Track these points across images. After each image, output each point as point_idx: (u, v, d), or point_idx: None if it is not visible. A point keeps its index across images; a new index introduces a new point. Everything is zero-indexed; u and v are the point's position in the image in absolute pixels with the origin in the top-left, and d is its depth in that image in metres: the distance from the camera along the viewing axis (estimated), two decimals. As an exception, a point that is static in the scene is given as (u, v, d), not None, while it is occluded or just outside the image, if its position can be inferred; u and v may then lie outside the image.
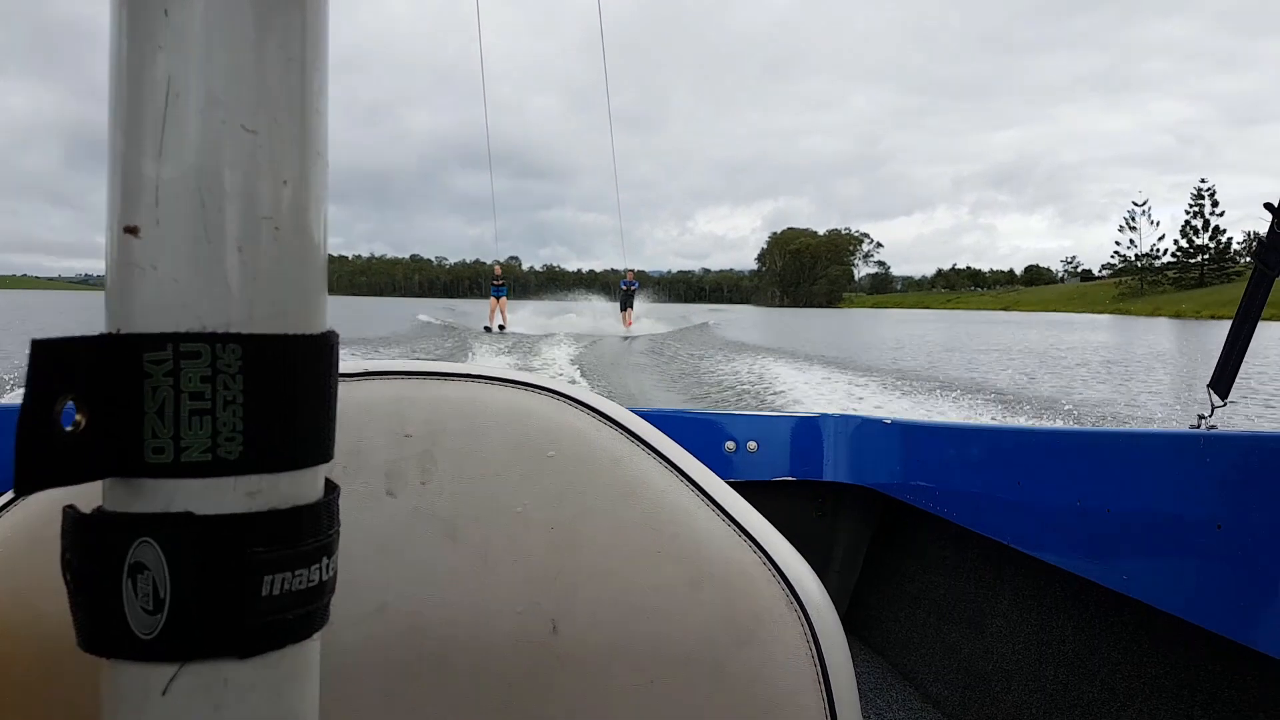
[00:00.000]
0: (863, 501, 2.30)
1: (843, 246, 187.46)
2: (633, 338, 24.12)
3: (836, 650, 0.53)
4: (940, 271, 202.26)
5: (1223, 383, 1.66)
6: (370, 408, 0.53)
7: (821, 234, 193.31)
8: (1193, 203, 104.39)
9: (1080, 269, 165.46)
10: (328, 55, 0.29)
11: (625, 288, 30.45)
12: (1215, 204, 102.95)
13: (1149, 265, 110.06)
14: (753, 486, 2.14)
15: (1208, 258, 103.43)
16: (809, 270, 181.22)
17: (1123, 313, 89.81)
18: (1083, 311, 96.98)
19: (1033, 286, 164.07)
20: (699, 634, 0.51)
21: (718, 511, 0.54)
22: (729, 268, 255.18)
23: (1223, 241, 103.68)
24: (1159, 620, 1.32)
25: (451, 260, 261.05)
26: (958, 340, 30.62)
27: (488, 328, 24.94)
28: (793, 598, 0.52)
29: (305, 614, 0.28)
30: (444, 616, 0.49)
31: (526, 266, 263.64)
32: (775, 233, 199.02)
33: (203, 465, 0.26)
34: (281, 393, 0.27)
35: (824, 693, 0.51)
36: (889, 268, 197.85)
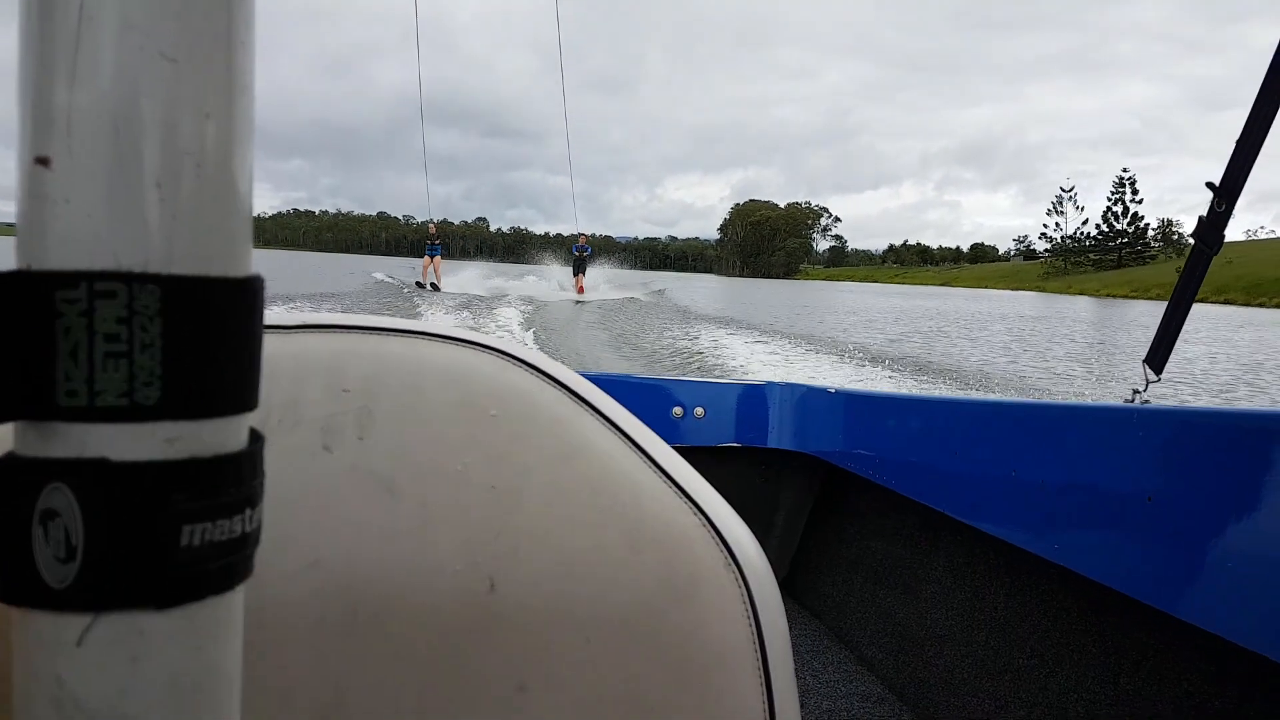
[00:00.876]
0: (805, 468, 2.35)
1: (801, 220, 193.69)
2: (584, 303, 24.13)
3: (772, 611, 0.53)
4: (892, 247, 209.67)
5: (1158, 358, 1.67)
6: (307, 361, 0.52)
7: (782, 207, 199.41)
8: (1114, 190, 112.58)
9: (1030, 247, 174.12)
10: None
11: (577, 253, 29.83)
12: (1135, 192, 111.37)
13: (1071, 247, 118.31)
14: (699, 452, 2.15)
15: (1125, 242, 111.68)
16: (768, 242, 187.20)
17: (1041, 290, 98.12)
18: (1012, 288, 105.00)
19: (977, 264, 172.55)
20: (637, 594, 0.51)
21: (660, 474, 0.54)
22: (695, 236, 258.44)
23: (1140, 227, 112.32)
24: (1088, 589, 1.34)
25: (419, 219, 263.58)
26: (870, 308, 35.16)
27: (419, 284, 24.52)
28: (731, 560, 0.53)
29: (226, 565, 0.27)
30: (379, 574, 0.49)
31: (494, 228, 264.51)
32: (738, 204, 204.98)
33: (118, 410, 0.25)
34: (202, 337, 0.26)
35: (759, 652, 0.52)
36: (846, 242, 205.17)
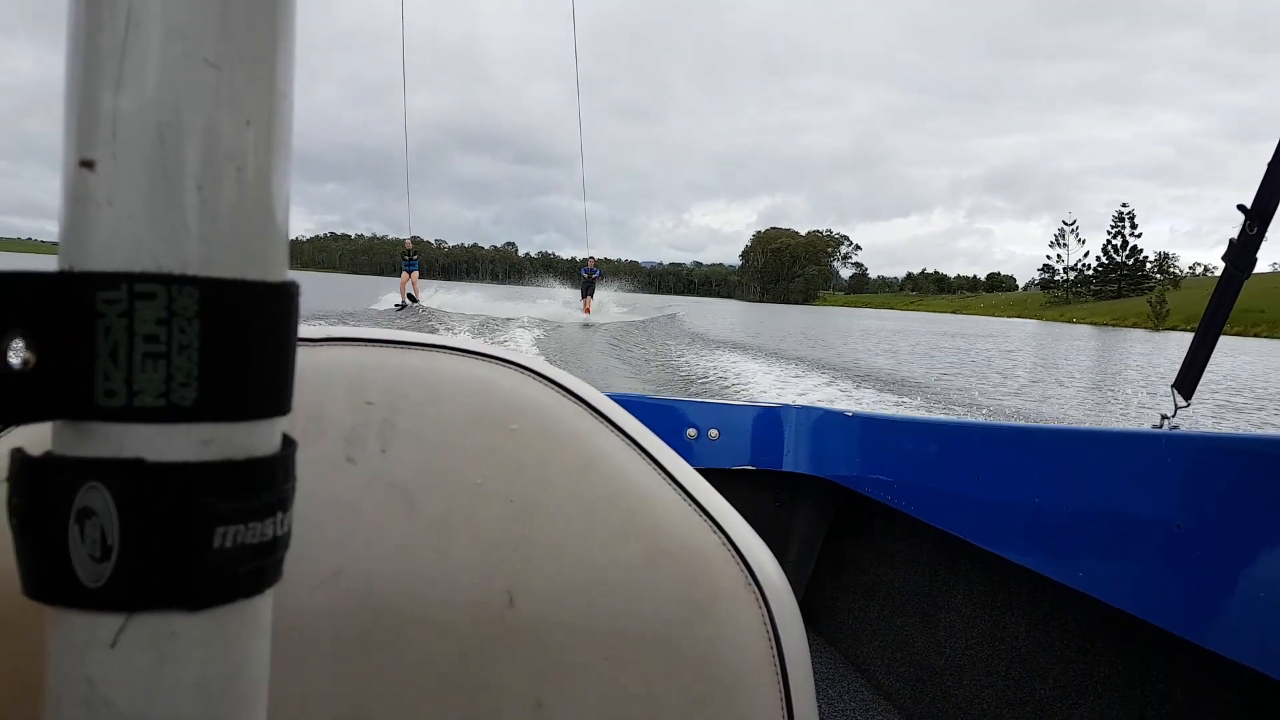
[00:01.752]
0: (821, 493, 2.31)
1: (820, 248, 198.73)
2: (591, 325, 24.24)
3: (793, 633, 0.53)
4: (910, 275, 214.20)
5: (1187, 383, 1.63)
6: (332, 373, 0.53)
7: (803, 234, 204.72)
8: (1114, 224, 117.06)
9: (1054, 277, 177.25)
10: None
11: (586, 275, 30.07)
12: (1134, 226, 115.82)
13: (1070, 279, 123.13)
14: (713, 474, 1.95)
15: (1125, 273, 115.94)
16: (788, 269, 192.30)
17: (1039, 319, 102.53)
18: (1017, 317, 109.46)
19: (993, 293, 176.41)
20: (656, 611, 0.51)
21: (679, 491, 0.54)
22: (719, 262, 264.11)
23: (1139, 260, 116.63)
24: (1114, 619, 1.30)
25: (450, 243, 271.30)
26: (870, 333, 37.18)
27: (399, 305, 23.76)
28: (751, 579, 0.52)
29: (257, 569, 0.27)
30: (400, 585, 0.49)
31: (523, 253, 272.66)
32: (759, 231, 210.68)
33: (156, 410, 0.25)
34: (238, 340, 0.26)
35: (779, 674, 0.51)
36: (866, 269, 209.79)
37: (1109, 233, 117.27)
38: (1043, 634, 1.50)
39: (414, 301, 24.26)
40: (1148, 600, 1.13)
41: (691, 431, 2.16)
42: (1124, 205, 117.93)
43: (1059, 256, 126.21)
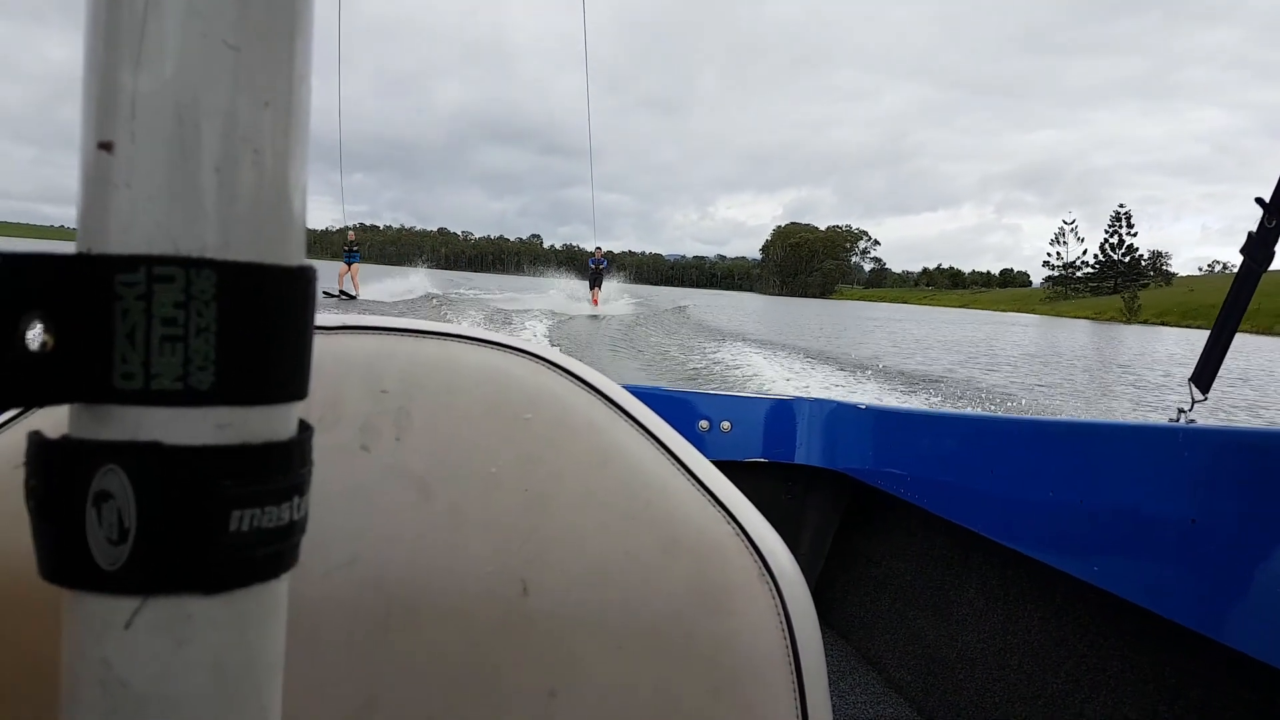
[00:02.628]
0: (833, 485, 2.31)
1: (839, 243, 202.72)
2: (598, 317, 24.19)
3: (807, 624, 0.53)
4: (926, 270, 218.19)
5: (1204, 377, 1.61)
6: (347, 361, 0.53)
7: (822, 230, 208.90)
8: (1111, 223, 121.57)
9: (1065, 273, 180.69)
10: None
11: (594, 266, 29.59)
12: (1130, 225, 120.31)
13: (1069, 276, 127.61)
14: (725, 466, 2.02)
15: (1121, 271, 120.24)
16: (806, 263, 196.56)
17: (1035, 313, 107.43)
18: (1017, 311, 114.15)
19: (1006, 288, 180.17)
20: (669, 602, 0.51)
21: (693, 481, 0.54)
22: (742, 255, 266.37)
23: (1134, 257, 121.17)
24: (1127, 613, 1.31)
25: (476, 235, 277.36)
26: (872, 324, 38.39)
27: (328, 293, 22.56)
28: (765, 570, 0.52)
29: (274, 553, 0.27)
30: (414, 574, 0.49)
31: (548, 245, 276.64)
32: (779, 226, 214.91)
33: (173, 394, 0.25)
34: (256, 324, 0.26)
35: (793, 665, 0.51)
36: (885, 264, 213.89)
37: (1106, 231, 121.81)
38: (1055, 628, 1.50)
39: (351, 298, 23.15)
40: (1162, 594, 1.12)
41: (704, 423, 2.18)
42: (1120, 205, 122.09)
43: (1058, 254, 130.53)
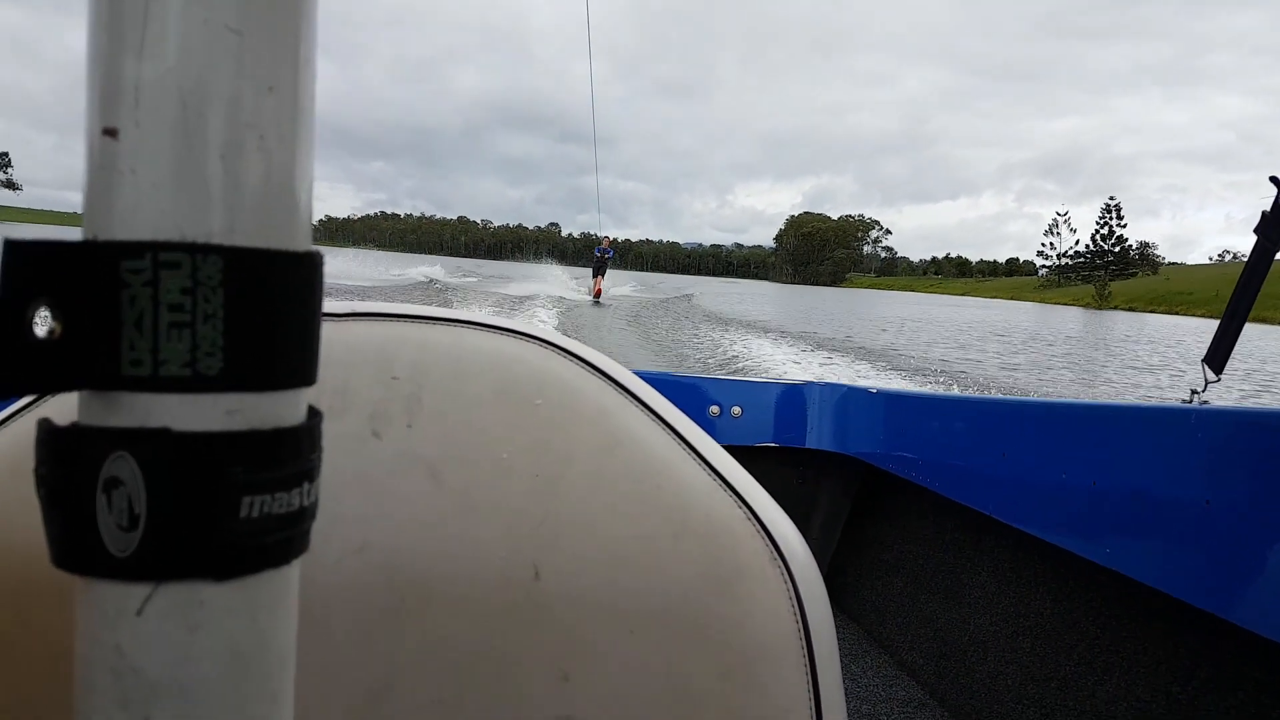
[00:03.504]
0: (844, 469, 2.31)
1: (851, 232, 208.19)
2: (602, 305, 24.50)
3: (818, 606, 0.53)
4: (934, 259, 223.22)
5: (1217, 358, 1.61)
6: (357, 348, 0.53)
7: (834, 219, 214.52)
8: (1102, 215, 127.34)
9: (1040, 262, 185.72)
10: None
11: (599, 255, 29.35)
12: (1120, 217, 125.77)
13: (1063, 265, 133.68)
14: (736, 451, 2.00)
15: (1111, 260, 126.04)
16: (818, 252, 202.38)
17: (1024, 300, 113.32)
18: (1012, 299, 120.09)
19: (1012, 277, 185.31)
20: (681, 585, 0.51)
21: (704, 466, 0.54)
22: (759, 244, 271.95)
23: (1124, 248, 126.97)
24: (1140, 594, 1.31)
25: (495, 223, 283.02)
26: (864, 307, 41.76)
27: None
28: (776, 553, 0.52)
29: (284, 539, 0.27)
30: (425, 560, 0.50)
31: (565, 233, 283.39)
32: (792, 215, 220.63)
33: (181, 380, 0.25)
34: (263, 310, 0.26)
35: (805, 648, 0.52)
36: (896, 252, 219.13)
37: (1098, 223, 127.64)
38: (1067, 610, 1.50)
39: None
40: (1175, 576, 1.12)
41: (714, 409, 2.18)
42: (1111, 199, 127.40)
43: (1051, 244, 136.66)
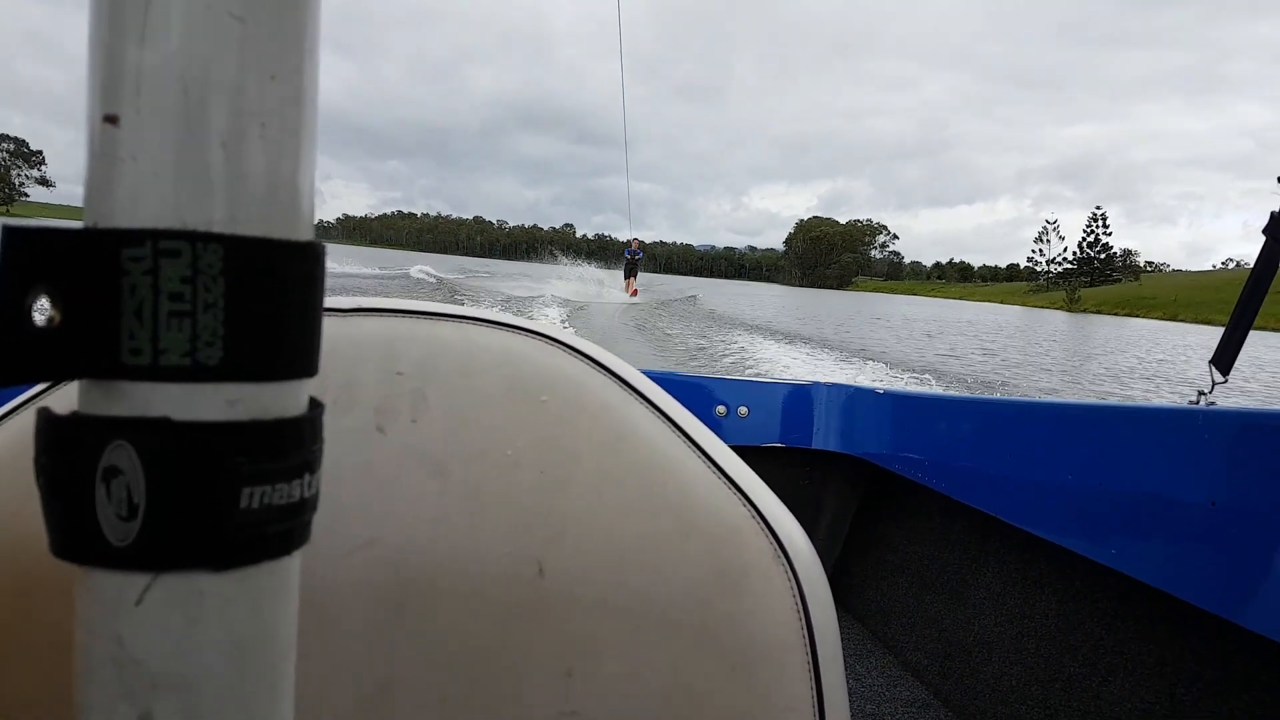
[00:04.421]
0: (851, 470, 2.31)
1: (858, 237, 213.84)
2: (637, 304, 24.73)
3: (822, 606, 0.53)
4: (938, 264, 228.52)
5: (1224, 359, 1.59)
6: (362, 343, 0.53)
7: (842, 224, 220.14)
8: (1089, 224, 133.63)
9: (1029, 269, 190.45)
10: None
11: (629, 256, 29.79)
12: (1105, 226, 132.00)
13: (1050, 271, 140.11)
14: (742, 451, 2.09)
15: (1097, 266, 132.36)
16: (825, 256, 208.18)
17: (1010, 303, 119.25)
18: (1001, 303, 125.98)
19: (1012, 281, 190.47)
20: (685, 584, 0.51)
21: (709, 464, 0.54)
22: (772, 247, 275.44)
23: (1109, 255, 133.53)
24: (1145, 596, 1.32)
25: (511, 223, 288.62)
26: (855, 309, 43.98)
27: None
28: (781, 553, 0.52)
29: (285, 530, 0.27)
30: (430, 555, 0.50)
31: (580, 234, 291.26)
32: (801, 220, 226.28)
33: (181, 369, 0.25)
34: (264, 300, 0.26)
35: (808, 648, 0.51)
36: (902, 257, 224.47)
37: (1085, 231, 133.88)
38: (1073, 611, 1.51)
39: None
40: (1181, 577, 1.12)
41: (721, 409, 2.18)
42: (1097, 208, 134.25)
43: (1040, 251, 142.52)
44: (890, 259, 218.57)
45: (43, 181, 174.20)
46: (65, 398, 0.46)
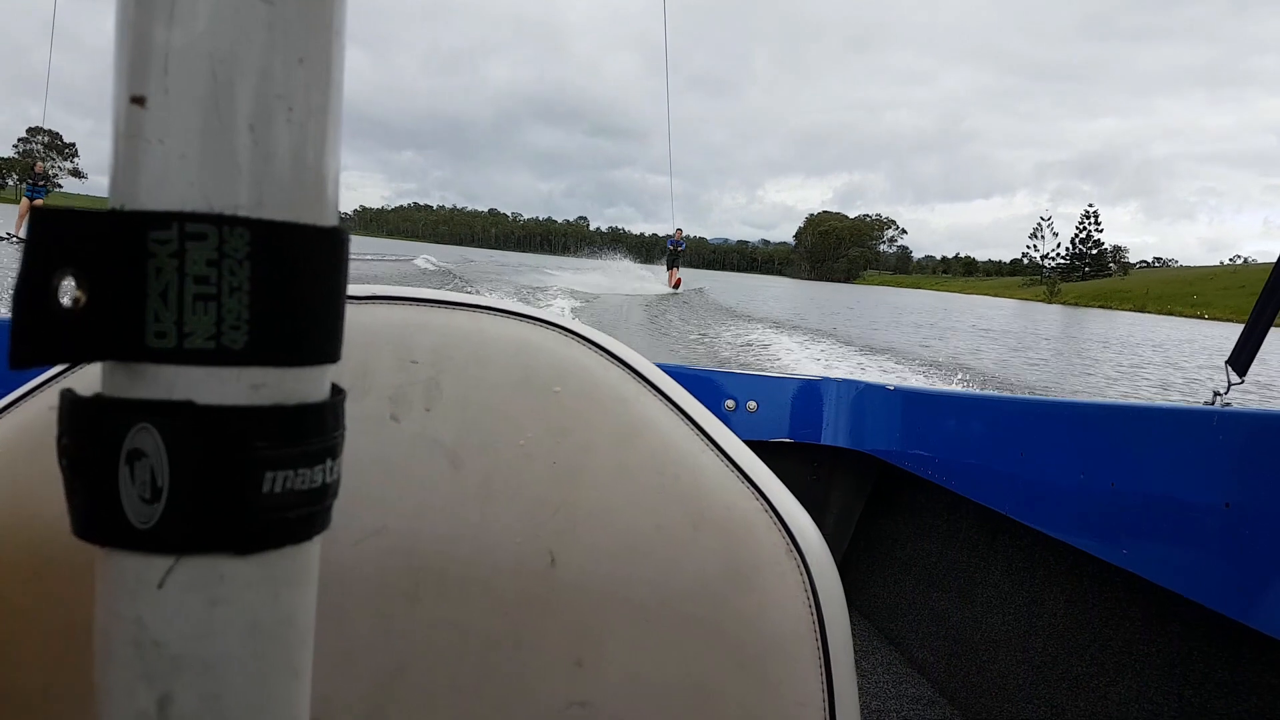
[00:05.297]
0: (859, 466, 2.30)
1: (866, 231, 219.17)
2: (679, 295, 24.60)
3: (834, 601, 0.53)
4: (944, 258, 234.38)
5: (1242, 359, 1.57)
6: (377, 331, 0.53)
7: (851, 218, 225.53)
8: (1082, 220, 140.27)
9: (1025, 263, 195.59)
10: None
11: (672, 247, 29.91)
12: (1097, 222, 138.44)
13: (1044, 266, 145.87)
14: (750, 446, 1.49)
15: (1087, 262, 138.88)
16: (834, 250, 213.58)
17: (1005, 297, 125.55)
18: (998, 296, 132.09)
19: (1014, 275, 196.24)
20: (697, 576, 0.51)
21: (722, 458, 0.54)
22: (785, 241, 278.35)
23: (1101, 250, 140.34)
24: (1155, 596, 1.30)
25: (525, 216, 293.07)
26: (854, 301, 44.06)
27: (5, 235, 20.18)
28: (793, 547, 0.52)
29: (306, 515, 0.27)
30: (443, 543, 0.50)
31: (594, 227, 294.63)
32: (811, 215, 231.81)
33: (206, 353, 0.25)
34: (289, 284, 0.26)
35: (819, 642, 0.51)
36: (910, 251, 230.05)
37: (1077, 228, 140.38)
38: (1081, 610, 1.48)
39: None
40: (1193, 579, 1.10)
41: (730, 403, 2.16)
42: (1090, 205, 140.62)
43: (1035, 247, 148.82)
44: (899, 253, 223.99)
45: (75, 173, 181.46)
46: (83, 380, 0.46)
